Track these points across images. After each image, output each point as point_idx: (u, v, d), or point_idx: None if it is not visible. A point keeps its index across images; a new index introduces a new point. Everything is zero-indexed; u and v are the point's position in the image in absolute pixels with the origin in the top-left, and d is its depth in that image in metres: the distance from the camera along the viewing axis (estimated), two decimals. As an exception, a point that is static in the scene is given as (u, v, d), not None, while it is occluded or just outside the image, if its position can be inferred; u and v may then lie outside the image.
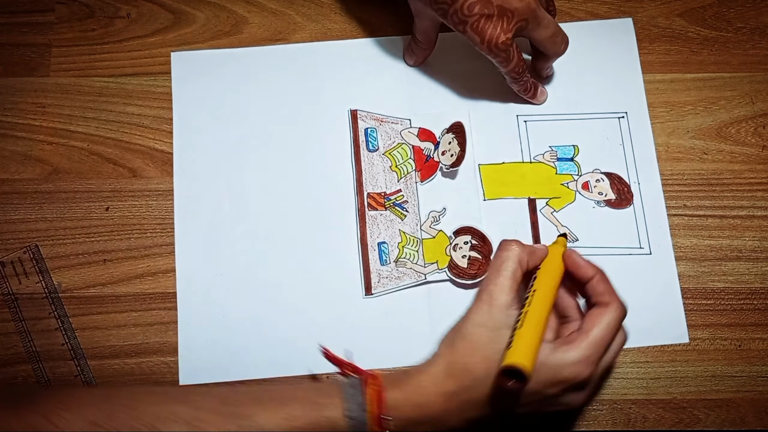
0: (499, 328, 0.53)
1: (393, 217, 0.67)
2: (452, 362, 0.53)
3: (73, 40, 0.72)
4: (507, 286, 0.54)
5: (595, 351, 0.52)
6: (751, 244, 0.66)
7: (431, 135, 0.69)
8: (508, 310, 0.53)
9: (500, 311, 0.53)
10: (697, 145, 0.69)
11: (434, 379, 0.53)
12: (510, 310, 0.53)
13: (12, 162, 0.69)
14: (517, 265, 0.55)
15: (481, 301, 0.54)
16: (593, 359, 0.52)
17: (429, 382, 0.53)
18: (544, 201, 0.68)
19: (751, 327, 0.64)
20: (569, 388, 0.52)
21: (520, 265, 0.55)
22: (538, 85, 0.69)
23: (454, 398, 0.52)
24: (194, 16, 0.73)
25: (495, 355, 0.52)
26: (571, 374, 0.51)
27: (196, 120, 0.70)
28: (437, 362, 0.53)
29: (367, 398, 0.52)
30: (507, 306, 0.53)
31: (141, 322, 0.65)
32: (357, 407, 0.51)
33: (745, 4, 0.73)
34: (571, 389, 0.52)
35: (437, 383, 0.53)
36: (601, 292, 0.55)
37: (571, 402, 0.54)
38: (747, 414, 0.62)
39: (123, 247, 0.67)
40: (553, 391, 0.52)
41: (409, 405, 0.52)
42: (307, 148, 0.69)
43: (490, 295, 0.54)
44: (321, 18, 0.73)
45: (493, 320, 0.53)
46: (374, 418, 0.51)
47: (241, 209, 0.68)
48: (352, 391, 0.53)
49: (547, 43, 0.64)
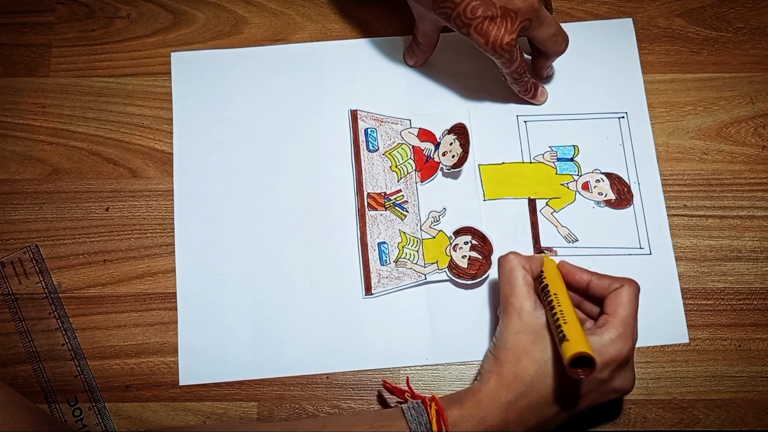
0: (535, 330, 0.55)
1: (393, 217, 0.67)
2: (502, 374, 0.55)
3: (73, 40, 0.72)
4: (525, 292, 0.57)
5: (627, 326, 0.55)
6: (751, 244, 0.66)
7: (431, 135, 0.69)
8: (536, 312, 0.56)
9: (529, 316, 0.56)
10: (697, 146, 0.69)
11: (490, 393, 0.54)
12: (537, 311, 0.56)
13: (12, 162, 0.69)
14: (523, 271, 0.58)
15: (508, 314, 0.57)
16: (628, 333, 0.55)
17: (486, 397, 0.54)
18: (544, 201, 0.68)
19: (751, 327, 0.64)
20: (616, 368, 0.55)
21: (526, 271, 0.58)
22: (538, 85, 0.69)
23: (512, 407, 0.54)
24: (194, 17, 0.73)
25: (540, 355, 0.54)
26: (614, 353, 0.54)
27: (196, 120, 0.70)
28: (488, 378, 0.55)
29: (431, 416, 0.53)
30: (533, 309, 0.56)
31: (141, 322, 0.65)
32: (421, 426, 0.53)
33: (745, 4, 0.73)
34: (618, 369, 0.55)
35: (494, 396, 0.54)
36: (609, 283, 0.58)
37: (623, 384, 0.56)
38: (747, 414, 0.63)
39: (123, 248, 0.67)
40: (603, 375, 0.54)
41: (470, 421, 0.54)
42: (307, 148, 0.69)
43: (514, 305, 0.57)
44: (321, 18, 0.73)
45: (527, 325, 0.56)
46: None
47: (241, 209, 0.68)
48: (414, 412, 0.54)
49: (548, 42, 0.64)
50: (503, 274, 0.59)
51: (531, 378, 0.54)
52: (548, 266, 0.60)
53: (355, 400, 0.63)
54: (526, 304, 0.57)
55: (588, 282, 0.59)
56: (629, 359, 0.56)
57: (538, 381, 0.54)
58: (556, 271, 0.60)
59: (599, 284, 0.58)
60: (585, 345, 0.51)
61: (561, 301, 0.56)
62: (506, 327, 0.57)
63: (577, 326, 0.53)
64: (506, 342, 0.56)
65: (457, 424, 0.54)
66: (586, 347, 0.51)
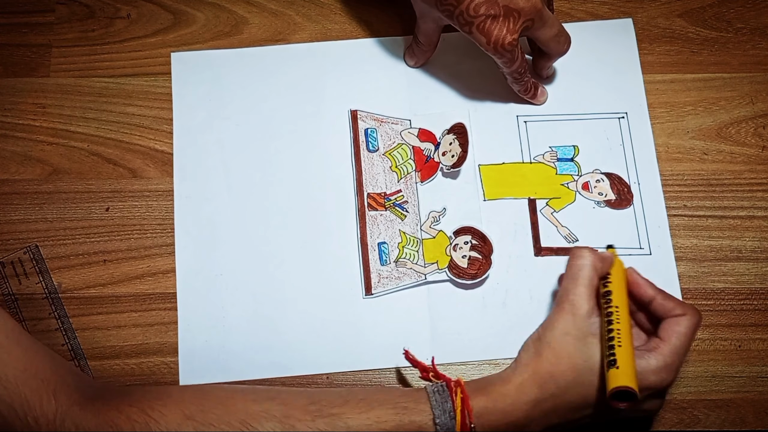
0: (585, 336, 0.54)
1: (393, 217, 0.67)
2: (538, 371, 0.54)
3: (73, 40, 0.72)
4: (586, 294, 0.56)
5: (676, 358, 0.54)
6: (751, 244, 0.66)
7: (431, 135, 0.69)
8: (590, 319, 0.55)
9: (583, 320, 0.55)
10: (697, 146, 0.69)
11: (520, 387, 0.54)
12: (592, 318, 0.55)
13: (12, 162, 0.69)
14: (593, 272, 0.57)
15: (563, 311, 0.55)
16: (675, 366, 0.54)
17: (514, 390, 0.54)
18: (544, 201, 0.68)
19: (751, 327, 0.64)
20: (652, 394, 0.54)
21: (595, 272, 0.57)
22: (538, 85, 0.69)
23: (538, 406, 0.53)
24: (194, 17, 0.73)
25: (583, 364, 0.54)
26: (656, 381, 0.53)
27: (196, 120, 0.70)
28: (522, 371, 0.55)
29: (455, 404, 0.53)
30: (589, 314, 0.55)
31: (141, 322, 0.65)
32: (445, 414, 0.52)
33: (745, 5, 0.73)
34: (653, 396, 0.54)
35: (523, 391, 0.53)
36: (672, 306, 0.56)
37: (650, 408, 0.56)
38: (747, 414, 0.62)
39: (123, 248, 0.67)
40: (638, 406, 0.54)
41: (494, 412, 0.53)
42: (307, 148, 0.69)
43: (572, 304, 0.55)
44: (321, 18, 0.73)
45: (578, 329, 0.55)
46: (462, 424, 0.52)
47: (241, 209, 0.68)
48: (439, 397, 0.53)
49: (551, 42, 0.64)
50: (571, 267, 0.57)
51: (567, 384, 0.54)
52: (616, 270, 0.58)
53: (355, 400, 0.63)
54: (584, 306, 0.55)
55: (652, 299, 0.57)
56: (666, 391, 0.56)
57: (573, 388, 0.54)
58: (623, 277, 0.58)
59: (663, 305, 0.57)
60: (632, 379, 0.51)
61: (621, 318, 0.54)
62: (556, 324, 0.55)
63: (629, 353, 0.52)
64: (552, 339, 0.55)
65: (481, 416, 0.53)
66: (632, 381, 0.51)
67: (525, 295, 0.65)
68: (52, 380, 0.50)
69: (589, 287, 0.56)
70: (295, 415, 0.51)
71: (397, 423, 0.52)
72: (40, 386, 0.49)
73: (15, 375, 0.49)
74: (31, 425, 0.48)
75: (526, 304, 0.65)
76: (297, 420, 0.51)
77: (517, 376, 0.54)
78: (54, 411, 0.49)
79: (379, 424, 0.52)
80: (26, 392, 0.49)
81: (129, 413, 0.50)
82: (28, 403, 0.49)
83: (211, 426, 0.50)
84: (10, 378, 0.48)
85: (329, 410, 0.52)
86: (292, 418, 0.51)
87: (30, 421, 0.48)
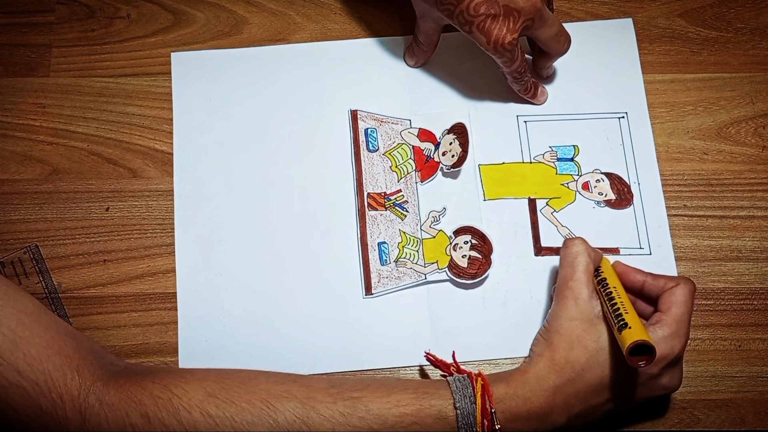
0: (590, 319, 0.56)
1: (393, 217, 0.67)
2: (553, 358, 0.55)
3: (73, 40, 0.72)
4: (585, 279, 0.57)
5: (681, 325, 0.55)
6: (751, 244, 0.66)
7: (431, 135, 0.69)
8: (591, 302, 0.57)
9: (586, 304, 0.56)
10: (697, 146, 0.69)
11: (538, 376, 0.55)
12: (593, 301, 0.57)
13: (12, 162, 0.69)
14: (588, 258, 0.58)
15: (565, 298, 0.57)
16: (681, 333, 0.55)
17: (533, 379, 0.55)
18: (544, 201, 0.68)
19: (751, 327, 0.64)
20: (667, 365, 0.55)
21: (590, 259, 0.58)
22: (538, 85, 0.69)
23: (559, 392, 0.54)
24: (194, 17, 0.73)
25: (593, 344, 0.55)
26: (666, 350, 0.54)
27: (196, 120, 0.70)
28: (538, 361, 0.56)
29: (476, 390, 0.53)
30: (590, 298, 0.57)
31: (141, 322, 0.65)
32: (465, 399, 0.53)
33: (745, 5, 0.73)
34: (668, 367, 0.56)
35: (542, 378, 0.55)
36: (664, 282, 0.58)
37: (671, 383, 0.57)
38: (747, 414, 0.62)
39: (123, 248, 0.67)
40: (653, 371, 0.55)
41: (516, 399, 0.54)
42: (307, 148, 0.69)
43: (573, 290, 0.57)
44: (321, 18, 0.73)
45: (583, 313, 0.56)
46: (482, 410, 0.53)
47: (241, 209, 0.68)
48: (459, 384, 0.54)
49: (551, 42, 0.64)
50: (566, 256, 0.59)
51: (582, 366, 0.55)
52: (605, 264, 0.61)
53: (355, 400, 0.63)
54: (584, 291, 0.57)
55: (642, 282, 0.59)
56: (679, 358, 0.56)
57: (589, 370, 0.55)
58: (612, 270, 0.60)
59: (654, 284, 0.59)
60: (645, 334, 0.52)
61: (620, 294, 0.56)
62: (560, 312, 0.57)
63: (636, 317, 0.54)
64: (559, 327, 0.56)
65: (501, 401, 0.54)
66: (646, 336, 0.52)
67: (525, 295, 0.65)
68: (75, 357, 0.51)
69: (586, 273, 0.58)
70: (317, 397, 0.52)
71: (417, 407, 0.53)
72: (63, 363, 0.50)
73: (37, 352, 0.49)
74: (56, 401, 0.49)
75: (526, 303, 0.65)
76: (318, 402, 0.52)
77: (533, 366, 0.56)
78: (78, 387, 0.50)
79: (399, 408, 0.52)
80: (50, 369, 0.49)
81: (152, 389, 0.51)
82: (52, 379, 0.49)
83: (232, 404, 0.51)
84: (33, 355, 0.49)
85: (350, 393, 0.53)
86: (313, 400, 0.52)
87: (55, 398, 0.49)
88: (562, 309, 0.57)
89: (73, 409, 0.49)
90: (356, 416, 0.52)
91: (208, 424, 0.50)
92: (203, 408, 0.50)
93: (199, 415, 0.50)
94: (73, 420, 0.49)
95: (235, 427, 0.50)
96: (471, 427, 0.52)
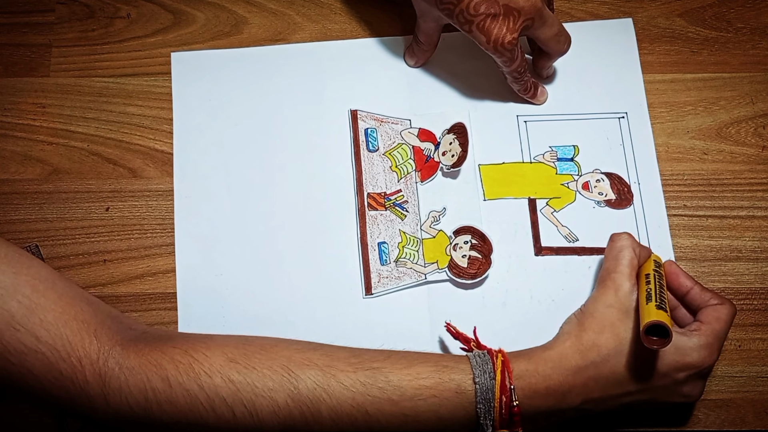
0: (627, 310, 0.56)
1: (393, 217, 0.67)
2: (581, 339, 0.56)
3: (73, 40, 0.72)
4: (627, 273, 0.58)
5: (716, 341, 0.56)
6: (751, 244, 0.66)
7: (431, 135, 0.69)
8: (632, 295, 0.57)
9: (626, 296, 0.57)
10: (697, 146, 0.69)
11: (562, 354, 0.55)
12: (633, 294, 0.57)
13: (12, 162, 0.69)
14: (633, 253, 0.58)
15: (606, 287, 0.58)
16: (715, 348, 0.56)
17: (556, 356, 0.55)
18: (544, 201, 0.68)
19: (751, 327, 0.64)
20: (693, 375, 0.55)
21: (635, 254, 0.58)
22: (538, 84, 0.69)
23: (580, 374, 0.55)
24: (194, 17, 0.73)
25: (624, 333, 0.55)
26: (698, 359, 0.55)
27: (196, 120, 0.70)
28: (564, 339, 0.56)
29: (496, 366, 0.54)
30: (631, 291, 0.57)
31: (141, 322, 0.65)
32: (485, 374, 0.54)
33: (745, 4, 0.73)
34: (695, 377, 0.56)
35: (565, 357, 0.55)
36: (710, 297, 0.58)
37: (692, 392, 0.57)
38: (747, 414, 0.62)
39: (123, 248, 0.67)
40: (680, 376, 0.55)
41: (536, 376, 0.54)
42: (307, 148, 0.69)
43: (615, 281, 0.57)
44: (321, 18, 0.73)
45: (621, 303, 0.56)
46: (501, 386, 0.53)
47: (241, 209, 0.68)
48: (479, 360, 0.55)
49: (551, 42, 0.64)
50: (612, 249, 0.59)
51: (608, 351, 0.55)
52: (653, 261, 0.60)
53: (355, 400, 0.63)
54: (626, 283, 0.57)
55: (689, 289, 0.59)
56: (707, 372, 0.57)
57: (614, 356, 0.55)
58: (660, 267, 0.60)
59: (700, 295, 0.59)
60: (666, 317, 0.52)
61: (653, 283, 0.56)
62: (599, 298, 0.57)
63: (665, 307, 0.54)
64: (595, 311, 0.57)
65: (521, 378, 0.54)
66: (665, 319, 0.52)
67: (525, 294, 0.65)
68: (93, 322, 0.51)
69: (630, 267, 0.58)
70: (337, 366, 0.53)
71: (436, 380, 0.53)
72: (80, 328, 0.50)
73: (54, 318, 0.50)
74: (76, 366, 0.50)
75: (526, 303, 0.65)
76: (338, 370, 0.53)
77: (559, 344, 0.56)
78: (97, 351, 0.50)
79: (419, 380, 0.53)
80: (67, 334, 0.50)
81: (173, 354, 0.51)
82: (71, 344, 0.50)
83: (253, 370, 0.51)
84: (50, 321, 0.50)
85: (370, 364, 0.54)
86: (334, 368, 0.53)
87: (74, 362, 0.50)
88: (601, 296, 0.57)
89: (93, 373, 0.50)
90: (376, 386, 0.52)
91: (230, 390, 0.50)
92: (224, 373, 0.51)
93: (220, 381, 0.51)
94: (93, 384, 0.50)
95: (256, 393, 0.51)
96: (489, 403, 0.53)
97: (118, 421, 0.51)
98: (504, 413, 0.53)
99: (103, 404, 0.50)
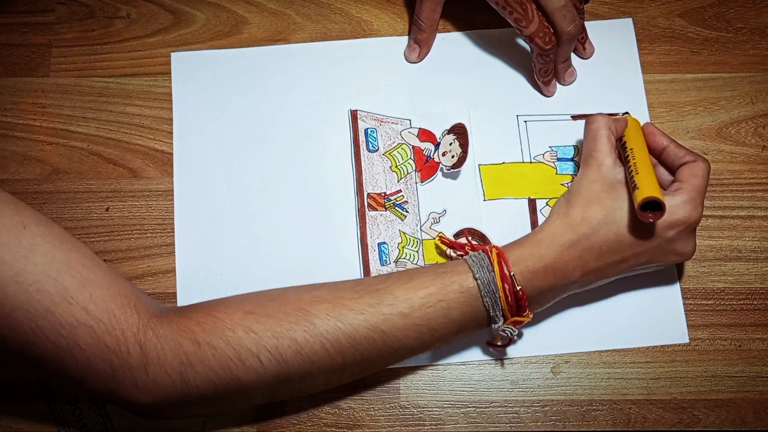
0: (611, 183, 0.58)
1: (393, 217, 0.67)
2: (569, 215, 0.58)
3: (73, 40, 0.72)
4: (607, 149, 0.60)
5: (698, 195, 0.58)
6: (751, 244, 0.66)
7: (431, 135, 0.69)
8: (614, 168, 0.59)
9: (609, 170, 0.59)
10: (697, 146, 0.69)
11: (553, 233, 0.58)
12: (616, 168, 0.59)
13: (12, 162, 0.69)
14: (608, 131, 0.60)
15: (589, 166, 0.60)
16: (698, 202, 0.58)
17: (548, 236, 0.58)
18: (544, 201, 0.68)
19: (751, 327, 0.64)
20: (683, 231, 0.58)
21: (611, 132, 0.60)
22: (558, 75, 0.69)
23: (574, 247, 0.57)
24: (194, 17, 0.73)
25: (611, 203, 0.57)
26: (684, 215, 0.57)
27: (196, 120, 0.70)
28: (554, 219, 0.59)
29: (492, 259, 0.56)
30: (613, 165, 0.59)
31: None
32: (483, 269, 0.56)
33: (745, 4, 0.73)
34: (685, 233, 0.58)
35: (557, 235, 0.58)
36: (684, 153, 0.61)
37: (684, 249, 0.59)
38: (747, 414, 0.62)
39: (123, 248, 0.67)
40: (670, 234, 0.57)
41: (531, 258, 0.57)
42: (307, 148, 0.69)
43: (596, 159, 0.60)
44: (321, 18, 0.73)
45: (604, 177, 0.59)
46: (501, 275, 0.56)
47: (241, 209, 0.68)
48: (476, 258, 0.57)
49: (556, 14, 0.63)
50: (589, 132, 0.61)
51: (598, 222, 0.57)
52: (631, 126, 0.62)
53: (356, 400, 0.63)
54: (607, 159, 0.59)
55: (665, 147, 0.61)
56: (695, 226, 0.59)
57: (604, 226, 0.57)
58: (638, 130, 0.62)
59: (675, 152, 0.61)
60: (657, 191, 0.54)
61: (636, 155, 0.58)
62: (584, 176, 0.59)
63: (650, 176, 0.56)
64: (580, 188, 0.59)
65: (518, 263, 0.57)
66: (657, 193, 0.54)
67: (525, 295, 0.65)
68: (132, 296, 0.54)
69: (609, 144, 0.60)
70: (344, 296, 0.56)
71: (439, 286, 0.56)
72: (123, 302, 0.53)
73: (101, 292, 0.53)
74: (119, 338, 0.52)
75: (526, 304, 0.65)
76: (347, 299, 0.55)
77: (549, 224, 0.58)
78: (137, 323, 0.53)
79: (423, 289, 0.56)
80: (113, 307, 0.53)
81: (197, 318, 0.55)
82: (116, 317, 0.53)
83: (270, 317, 0.55)
84: (98, 295, 0.53)
85: (374, 287, 0.56)
86: (342, 298, 0.56)
87: (118, 334, 0.52)
88: (585, 174, 0.59)
89: (134, 344, 0.53)
90: (384, 304, 0.55)
91: (252, 339, 0.54)
92: (245, 325, 0.54)
93: (242, 332, 0.54)
94: (135, 355, 0.53)
95: (276, 337, 0.54)
96: (493, 294, 0.56)
97: (156, 395, 0.53)
98: (510, 300, 0.56)
99: (143, 375, 0.53)
